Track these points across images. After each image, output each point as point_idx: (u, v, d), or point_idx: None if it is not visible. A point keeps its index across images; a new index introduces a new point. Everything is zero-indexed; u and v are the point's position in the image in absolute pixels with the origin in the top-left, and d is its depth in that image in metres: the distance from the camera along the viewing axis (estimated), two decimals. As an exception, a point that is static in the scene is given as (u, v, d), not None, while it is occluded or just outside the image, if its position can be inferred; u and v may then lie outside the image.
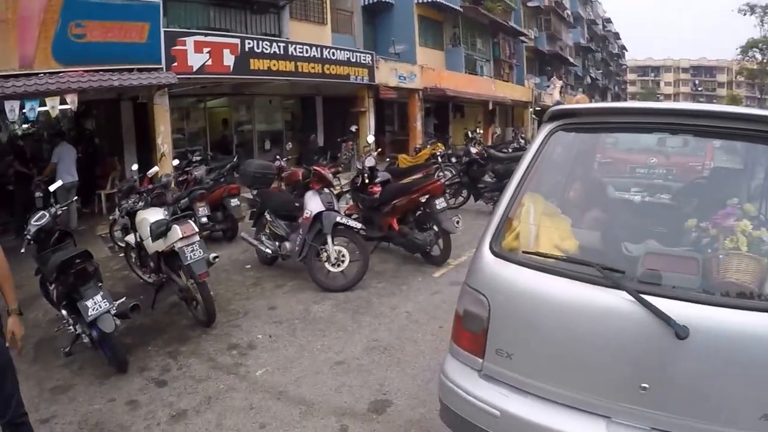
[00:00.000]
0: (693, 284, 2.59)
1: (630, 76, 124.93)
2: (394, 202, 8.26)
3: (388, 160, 15.56)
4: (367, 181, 9.13)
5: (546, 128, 3.27)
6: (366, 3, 25.87)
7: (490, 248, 3.01)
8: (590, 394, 2.67)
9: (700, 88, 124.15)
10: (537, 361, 2.84)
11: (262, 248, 8.25)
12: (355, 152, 18.50)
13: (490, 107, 33.03)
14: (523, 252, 2.97)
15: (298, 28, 19.84)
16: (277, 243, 8.07)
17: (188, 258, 5.83)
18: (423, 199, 8.09)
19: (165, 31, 13.91)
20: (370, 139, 11.75)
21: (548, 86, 44.57)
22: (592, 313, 2.66)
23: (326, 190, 7.80)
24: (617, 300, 2.55)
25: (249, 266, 8.71)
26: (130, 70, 12.45)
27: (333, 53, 19.34)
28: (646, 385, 2.50)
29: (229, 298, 7.18)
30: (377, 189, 8.92)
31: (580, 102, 9.13)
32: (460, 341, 3.13)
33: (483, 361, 2.97)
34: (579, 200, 3.61)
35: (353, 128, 18.49)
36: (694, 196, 3.53)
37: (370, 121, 21.75)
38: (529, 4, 45.38)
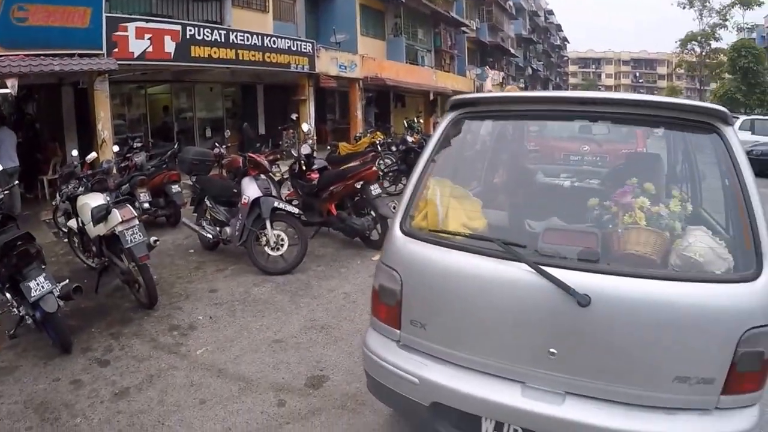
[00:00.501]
0: (593, 256, 2.80)
1: (572, 68, 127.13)
2: (331, 188, 8.52)
3: (329, 148, 15.79)
4: (304, 168, 9.35)
5: (448, 116, 3.49)
6: (309, -10, 25.73)
7: (401, 228, 3.24)
8: (503, 360, 2.89)
9: (641, 80, 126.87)
10: (449, 330, 3.05)
11: (204, 233, 8.37)
12: (295, 140, 18.63)
13: (431, 97, 33.38)
14: (431, 230, 3.19)
15: (240, 15, 19.85)
16: (217, 228, 8.21)
17: (129, 241, 5.94)
18: (358, 185, 8.37)
19: (107, 17, 13.85)
20: (306, 127, 11.99)
21: (488, 77, 45.35)
22: (496, 284, 2.87)
23: (263, 176, 7.96)
24: (519, 272, 2.75)
25: (192, 251, 8.82)
26: (72, 55, 12.37)
27: (274, 41, 19.41)
28: (555, 351, 2.71)
29: (171, 281, 7.30)
30: (315, 176, 9.15)
31: (509, 92, 9.52)
32: (378, 314, 3.35)
33: (400, 331, 3.20)
34: (491, 183, 3.91)
35: (294, 116, 18.61)
36: (609, 179, 3.84)
37: (310, 109, 21.87)
38: (471, -6, 45.88)
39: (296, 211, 7.68)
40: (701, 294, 2.58)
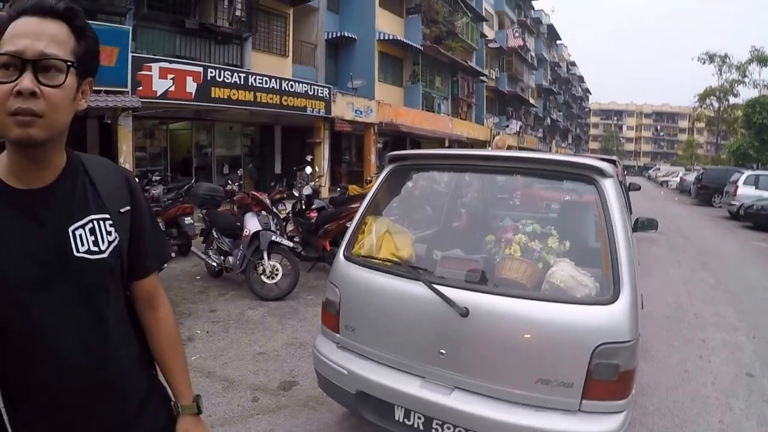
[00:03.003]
0: (474, 278, 3.53)
1: (593, 119, 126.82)
2: (326, 226, 9.32)
3: (338, 189, 16.38)
4: (304, 207, 10.22)
5: (387, 168, 4.36)
6: (330, 37, 26.70)
7: (343, 254, 4.06)
8: (407, 358, 3.59)
9: (661, 133, 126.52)
10: (371, 333, 3.80)
11: (210, 261, 9.09)
12: (308, 181, 19.45)
13: (446, 144, 33.99)
14: (363, 257, 4.01)
15: (260, 58, 20.69)
16: (222, 257, 8.91)
17: (142, 261, 6.72)
18: (348, 224, 9.07)
19: (132, 56, 14.64)
20: (309, 170, 12.74)
21: (506, 126, 46.15)
22: (403, 298, 3.60)
23: (264, 212, 8.80)
24: (420, 289, 3.47)
25: (198, 277, 9.52)
26: (98, 92, 13.02)
27: (291, 85, 20.16)
28: (444, 351, 3.39)
29: (177, 302, 7.97)
30: (314, 214, 10.00)
31: (497, 144, 10.36)
32: (325, 321, 4.15)
33: (338, 335, 3.97)
34: (420, 221, 4.77)
35: (308, 158, 19.51)
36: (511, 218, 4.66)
37: (324, 151, 22.63)
38: (491, 45, 46.57)
39: (291, 244, 8.48)
40: (561, 312, 3.18)
